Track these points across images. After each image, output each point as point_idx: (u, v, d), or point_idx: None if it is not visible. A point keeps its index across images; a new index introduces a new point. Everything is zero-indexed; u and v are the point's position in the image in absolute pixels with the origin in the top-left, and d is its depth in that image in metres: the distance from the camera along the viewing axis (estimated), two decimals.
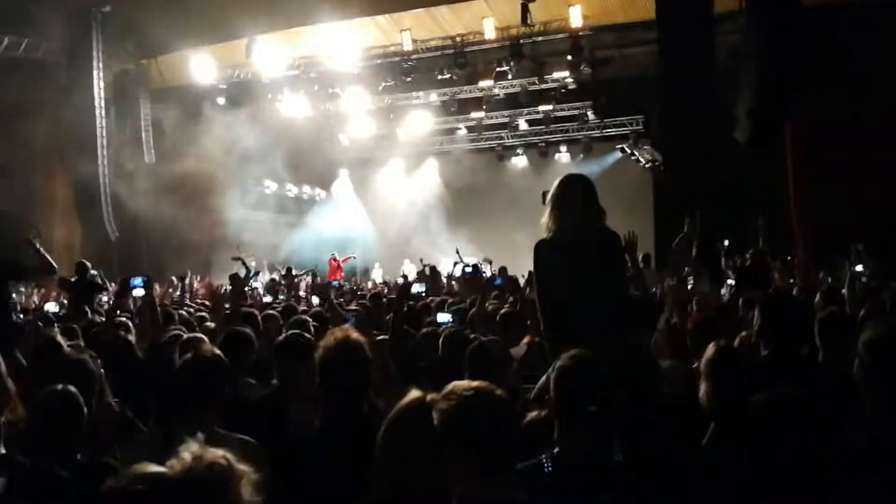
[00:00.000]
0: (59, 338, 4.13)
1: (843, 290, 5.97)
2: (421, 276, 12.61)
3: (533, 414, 2.82)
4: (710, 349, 3.13)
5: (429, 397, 1.98)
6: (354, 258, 19.75)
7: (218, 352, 2.93)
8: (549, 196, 3.46)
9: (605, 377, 2.42)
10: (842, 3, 12.34)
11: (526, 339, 4.68)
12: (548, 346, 3.37)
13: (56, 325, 5.79)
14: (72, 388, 2.81)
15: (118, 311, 6.72)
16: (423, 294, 9.13)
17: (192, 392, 2.74)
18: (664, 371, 3.34)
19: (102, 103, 16.01)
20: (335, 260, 18.49)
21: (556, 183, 3.51)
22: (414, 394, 2.01)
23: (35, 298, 12.29)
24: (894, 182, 12.58)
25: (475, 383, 1.96)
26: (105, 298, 9.69)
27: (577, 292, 3.28)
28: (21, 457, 2.55)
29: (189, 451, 1.29)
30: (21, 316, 7.92)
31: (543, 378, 2.96)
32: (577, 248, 3.33)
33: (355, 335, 2.69)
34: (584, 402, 2.36)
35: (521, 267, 12.86)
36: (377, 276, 19.33)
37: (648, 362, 3.28)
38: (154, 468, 1.27)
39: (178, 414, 2.71)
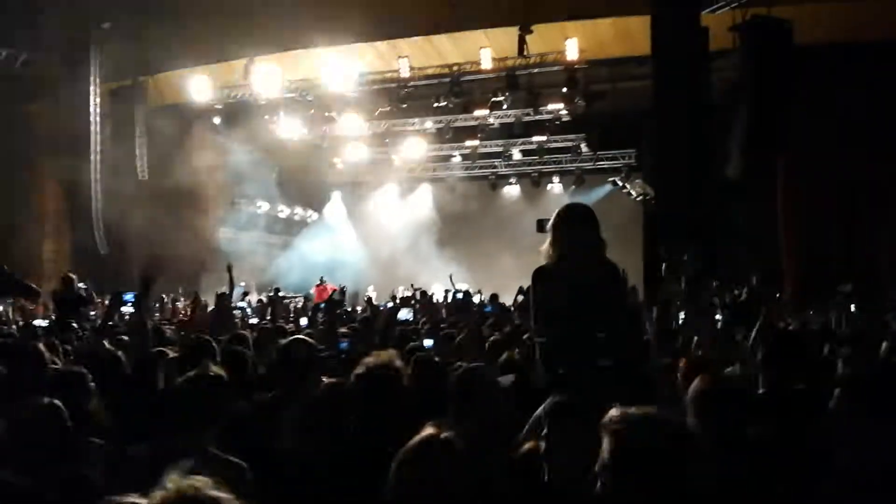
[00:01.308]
0: (45, 351, 4.09)
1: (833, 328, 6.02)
2: (405, 302, 12.56)
3: (527, 446, 2.77)
4: (700, 381, 3.12)
5: (443, 435, 1.92)
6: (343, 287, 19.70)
7: (221, 372, 2.89)
8: (549, 223, 3.45)
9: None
10: (834, 41, 12.54)
11: (505, 355, 4.66)
12: (543, 373, 3.35)
13: (41, 339, 5.72)
14: (56, 402, 2.78)
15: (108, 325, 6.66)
16: (410, 321, 9.12)
17: (192, 410, 2.69)
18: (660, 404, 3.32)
19: (98, 119, 16.00)
20: (322, 284, 18.45)
21: (557, 210, 3.48)
22: (429, 429, 1.96)
23: (19, 314, 12.13)
24: (885, 221, 12.70)
25: (639, 409, 1.82)
26: (93, 312, 9.61)
27: (574, 322, 3.26)
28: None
29: (173, 480, 1.26)
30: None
31: (540, 409, 2.92)
32: (577, 278, 3.31)
33: (399, 362, 2.74)
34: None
35: (511, 292, 12.92)
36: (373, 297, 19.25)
37: (644, 395, 3.25)
38: (137, 501, 1.25)
39: (175, 431, 2.66)
